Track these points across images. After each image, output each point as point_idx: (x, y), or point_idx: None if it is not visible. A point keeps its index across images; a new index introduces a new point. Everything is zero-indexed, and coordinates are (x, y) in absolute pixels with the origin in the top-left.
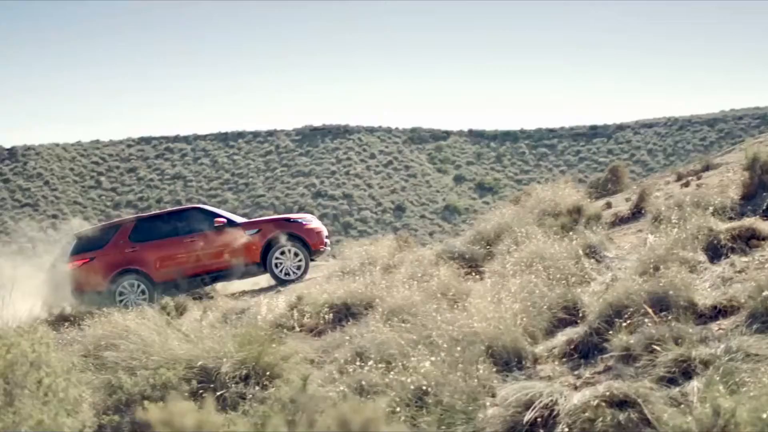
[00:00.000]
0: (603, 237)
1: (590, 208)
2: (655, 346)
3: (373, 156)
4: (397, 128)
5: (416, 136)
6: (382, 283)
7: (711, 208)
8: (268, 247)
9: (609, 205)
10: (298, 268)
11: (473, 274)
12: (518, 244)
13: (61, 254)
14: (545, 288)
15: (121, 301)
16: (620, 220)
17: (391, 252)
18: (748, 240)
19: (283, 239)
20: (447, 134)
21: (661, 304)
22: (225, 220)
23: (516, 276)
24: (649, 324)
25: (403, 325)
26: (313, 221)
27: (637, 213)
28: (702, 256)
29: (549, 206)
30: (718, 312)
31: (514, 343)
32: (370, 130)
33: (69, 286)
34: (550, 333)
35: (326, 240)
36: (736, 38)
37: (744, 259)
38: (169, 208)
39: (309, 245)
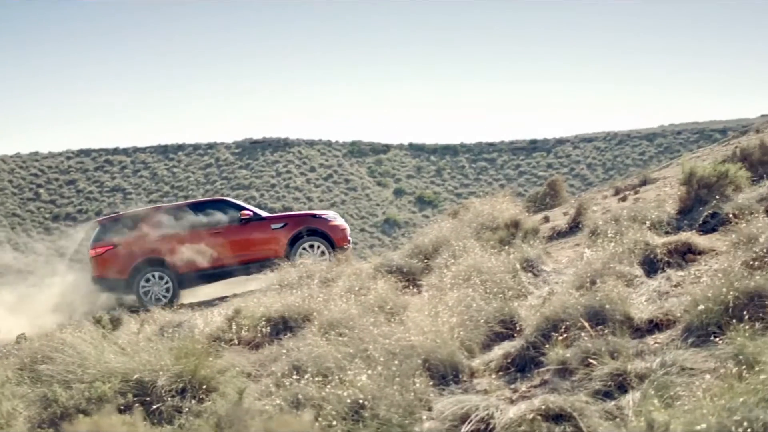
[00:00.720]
0: (540, 251)
1: (528, 222)
2: (591, 360)
3: (313, 169)
4: (337, 141)
5: (356, 150)
6: (320, 297)
7: (648, 223)
8: (294, 241)
9: (547, 219)
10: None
11: (411, 287)
12: (456, 258)
13: (83, 241)
14: (482, 302)
15: (145, 292)
16: (558, 234)
17: (330, 265)
18: (685, 254)
19: (308, 235)
20: (387, 147)
21: (597, 318)
22: (251, 213)
23: (453, 289)
24: (586, 338)
25: (340, 338)
26: (337, 218)
27: (574, 227)
28: (638, 270)
29: (487, 220)
30: (654, 326)
31: (450, 356)
32: (310, 143)
33: (90, 274)
34: (486, 347)
35: (349, 238)
36: (675, 54)
37: (680, 273)
38: (195, 199)
39: (333, 241)
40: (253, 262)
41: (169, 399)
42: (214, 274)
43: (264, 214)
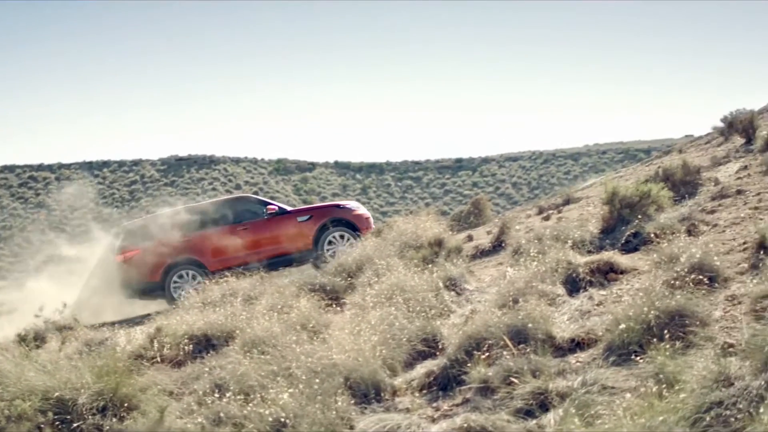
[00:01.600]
0: (463, 270)
1: (452, 241)
2: (513, 379)
3: (238, 186)
4: (263, 159)
5: (282, 167)
6: (243, 315)
7: (570, 242)
8: (320, 233)
9: (470, 238)
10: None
11: (334, 305)
12: (379, 276)
13: (109, 247)
14: (405, 320)
15: (177, 293)
16: (481, 253)
17: (253, 283)
18: (607, 273)
19: (333, 226)
20: (313, 165)
21: (519, 337)
22: (276, 207)
23: (376, 308)
24: (508, 356)
25: (262, 356)
26: (360, 207)
27: (498, 246)
28: (561, 290)
29: (411, 238)
30: (576, 345)
31: (373, 375)
32: (236, 161)
33: (119, 279)
34: (409, 365)
35: (372, 227)
36: (601, 75)
37: (602, 292)
38: (219, 198)
39: (359, 231)
40: (282, 256)
41: (90, 417)
42: (245, 269)
43: (288, 207)
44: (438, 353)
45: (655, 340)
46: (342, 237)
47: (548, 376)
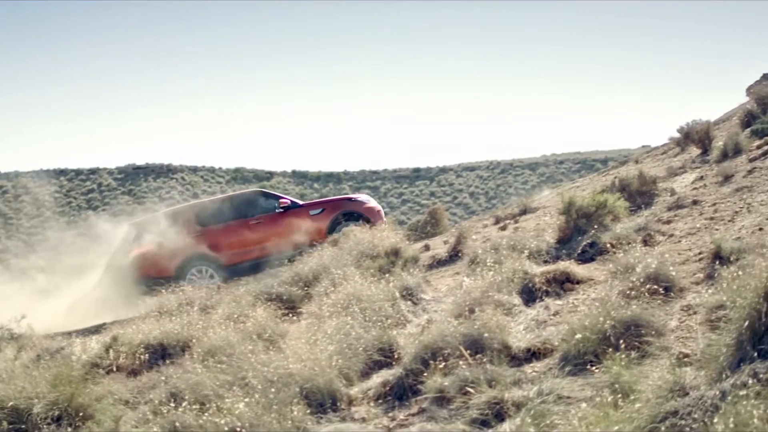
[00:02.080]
0: (420, 279)
1: (408, 251)
2: (468, 388)
3: (196, 195)
4: (220, 168)
5: (240, 176)
6: (199, 324)
7: (527, 252)
8: (333, 225)
9: (427, 248)
10: None
11: (290, 315)
12: (336, 286)
13: (120, 245)
14: (361, 330)
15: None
16: (438, 263)
17: (209, 292)
18: (563, 283)
19: (346, 219)
20: (270, 174)
21: (475, 347)
22: (289, 201)
23: (333, 317)
24: (464, 366)
25: (218, 366)
26: (371, 200)
27: (454, 255)
28: (517, 299)
29: (367, 248)
30: (532, 354)
31: (328, 384)
32: (194, 170)
33: (133, 275)
34: (365, 375)
35: (384, 219)
36: (560, 85)
37: (558, 302)
38: (231, 193)
39: (371, 223)
40: (296, 249)
41: (45, 427)
42: (259, 263)
43: (300, 201)
44: (394, 363)
45: (610, 350)
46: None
47: (504, 386)
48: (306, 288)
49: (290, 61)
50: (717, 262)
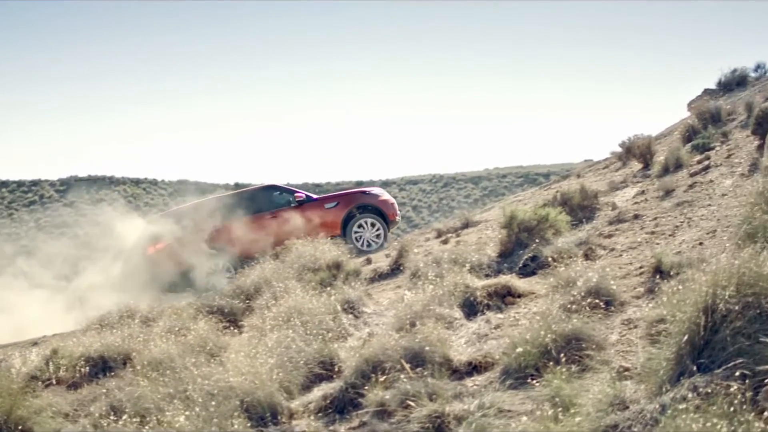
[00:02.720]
0: (361, 292)
1: (350, 264)
2: (409, 402)
3: (138, 208)
4: (163, 180)
5: (182, 189)
6: (140, 337)
7: (468, 265)
8: (347, 219)
9: (369, 261)
10: (378, 237)
11: (232, 328)
12: (277, 299)
13: (135, 242)
14: (302, 343)
15: (209, 283)
16: (380, 276)
17: (151, 305)
18: (504, 297)
19: (360, 212)
20: (213, 187)
21: (416, 360)
22: (303, 195)
23: (274, 330)
24: (405, 379)
25: (160, 379)
26: (384, 193)
27: (396, 269)
28: (458, 313)
29: (309, 261)
30: (473, 368)
31: (269, 397)
32: (136, 182)
33: (149, 272)
34: (306, 388)
35: (398, 212)
36: (501, 98)
37: (499, 315)
38: (247, 188)
39: (386, 216)
40: None
41: None
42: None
43: (314, 195)
44: (335, 376)
45: (551, 363)
46: (367, 223)
47: (445, 399)
48: (247, 301)
49: (229, 73)
50: (657, 276)
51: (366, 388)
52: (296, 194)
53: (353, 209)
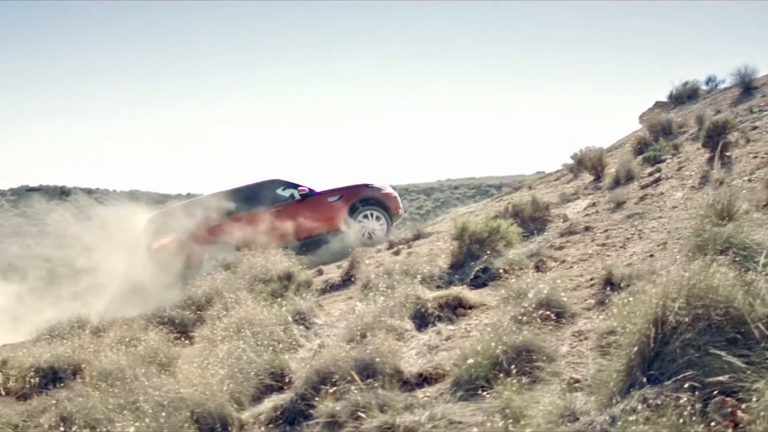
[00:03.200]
0: (313, 303)
1: (301, 275)
2: (360, 413)
3: (90, 218)
4: (115, 190)
5: (134, 199)
6: (91, 347)
7: (420, 277)
8: (351, 212)
9: (321, 272)
10: (381, 230)
11: (183, 339)
12: (228, 310)
13: (141, 238)
14: (253, 354)
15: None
16: (331, 287)
17: (102, 316)
18: (455, 308)
19: (363, 205)
20: (165, 197)
21: (367, 371)
22: (307, 189)
23: (225, 341)
24: (356, 391)
25: (110, 389)
26: (387, 186)
27: (347, 280)
28: (409, 324)
29: (260, 272)
30: (424, 379)
31: (219, 408)
32: (88, 192)
33: (153, 267)
34: (257, 399)
35: (401, 205)
36: (453, 109)
37: (450, 327)
38: (249, 182)
39: (389, 209)
40: (317, 236)
41: None
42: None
43: (317, 189)
44: (286, 387)
45: (502, 375)
46: (371, 216)
47: (396, 410)
48: (198, 312)
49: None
50: (608, 288)
51: (317, 399)
52: (300, 188)
53: (356, 202)
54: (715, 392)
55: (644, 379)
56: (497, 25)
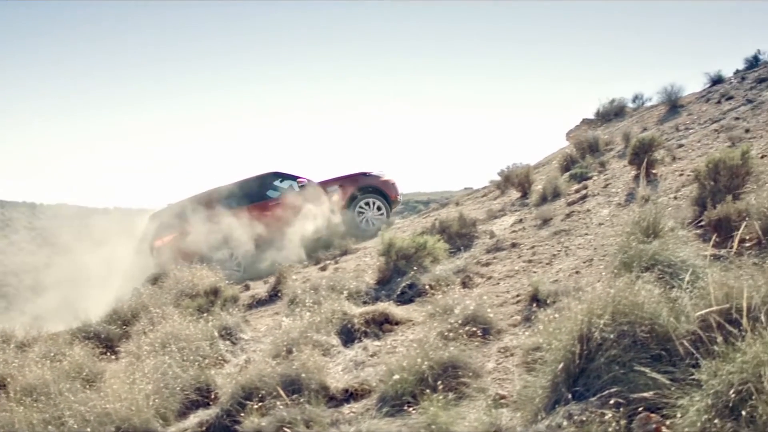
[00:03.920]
0: (239, 319)
1: (228, 290)
2: (286, 429)
3: (16, 231)
4: (42, 204)
5: (61, 213)
6: (15, 362)
7: (346, 292)
8: (350, 201)
9: (247, 287)
10: (381, 218)
11: (109, 354)
12: (154, 325)
13: (143, 236)
14: (179, 369)
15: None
16: (258, 303)
17: (27, 330)
18: (382, 324)
19: (363, 193)
20: (92, 211)
21: (293, 387)
22: (305, 180)
23: (151, 357)
24: (281, 406)
25: (34, 404)
26: (385, 174)
27: (274, 296)
28: (335, 340)
29: (187, 287)
30: (350, 395)
31: (145, 424)
32: (13, 205)
33: (155, 266)
34: (182, 415)
35: (399, 193)
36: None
37: (377, 343)
38: (247, 176)
39: (388, 196)
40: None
41: None
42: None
43: (316, 179)
44: (212, 403)
45: (428, 390)
46: (370, 204)
47: (322, 426)
48: (124, 326)
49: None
50: (534, 305)
51: (242, 414)
52: (299, 179)
53: (355, 191)
54: (640, 408)
55: (569, 396)
56: (425, 29)
